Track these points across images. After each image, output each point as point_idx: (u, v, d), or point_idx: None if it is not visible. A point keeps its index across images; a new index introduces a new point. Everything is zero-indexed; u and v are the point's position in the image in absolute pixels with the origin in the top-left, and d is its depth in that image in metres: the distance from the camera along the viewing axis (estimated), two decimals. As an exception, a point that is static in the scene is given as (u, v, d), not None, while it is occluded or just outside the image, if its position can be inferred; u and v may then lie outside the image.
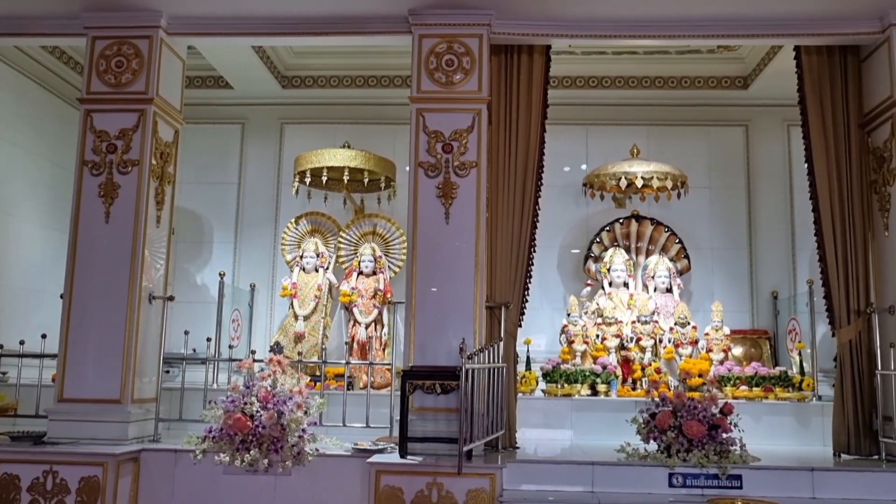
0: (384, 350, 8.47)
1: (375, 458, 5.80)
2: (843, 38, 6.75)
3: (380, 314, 8.58)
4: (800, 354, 8.19)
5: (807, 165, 6.88)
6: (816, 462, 6.21)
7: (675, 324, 8.37)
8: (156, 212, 6.74)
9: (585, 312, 8.70)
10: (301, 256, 8.97)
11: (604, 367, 7.89)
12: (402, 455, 5.87)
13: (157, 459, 6.14)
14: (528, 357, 8.26)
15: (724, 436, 5.97)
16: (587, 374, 7.83)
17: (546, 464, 6.04)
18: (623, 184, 8.61)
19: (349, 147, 8.81)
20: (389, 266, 8.89)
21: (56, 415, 6.34)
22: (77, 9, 6.71)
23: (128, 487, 6.01)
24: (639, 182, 8.55)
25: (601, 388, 7.81)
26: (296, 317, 8.74)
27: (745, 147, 9.76)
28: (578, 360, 8.15)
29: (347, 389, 7.12)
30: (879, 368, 6.37)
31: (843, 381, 6.55)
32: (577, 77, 9.75)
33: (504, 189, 6.81)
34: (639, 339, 8.28)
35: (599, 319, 8.45)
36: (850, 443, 6.48)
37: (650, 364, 8.07)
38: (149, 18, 6.70)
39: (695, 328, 8.35)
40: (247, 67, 9.13)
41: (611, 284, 8.84)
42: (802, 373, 7.96)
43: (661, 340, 8.35)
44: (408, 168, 6.69)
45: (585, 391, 7.80)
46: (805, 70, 6.92)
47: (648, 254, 9.12)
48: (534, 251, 6.90)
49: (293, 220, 9.22)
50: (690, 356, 8.19)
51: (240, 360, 6.58)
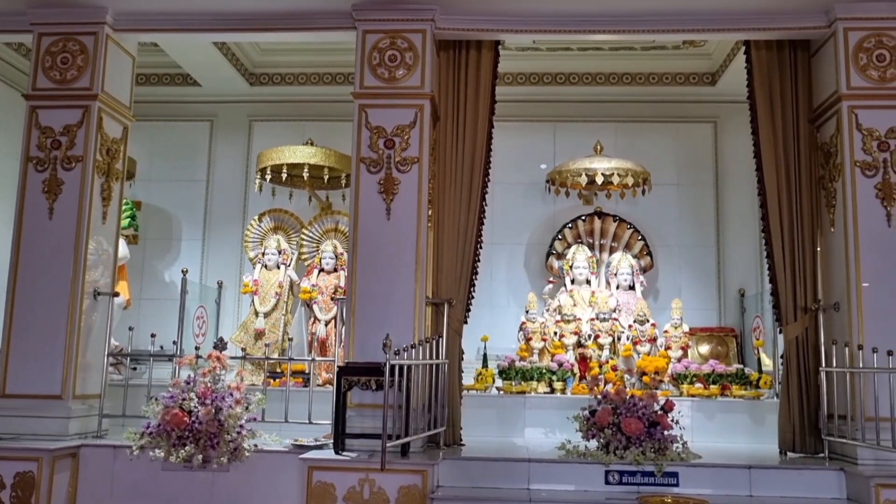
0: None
1: (308, 455, 5.78)
2: (791, 33, 6.69)
3: (340, 311, 8.55)
4: (758, 352, 8.13)
5: (755, 161, 6.83)
6: (759, 460, 6.16)
7: (634, 321, 8.32)
8: (102, 208, 6.74)
9: (547, 310, 8.68)
10: (263, 253, 8.97)
11: (560, 365, 7.86)
12: (337, 451, 5.86)
13: (97, 455, 6.15)
14: (486, 354, 8.27)
15: (665, 433, 5.94)
16: (543, 372, 7.80)
17: (483, 461, 6.01)
18: (584, 180, 8.56)
19: (312, 144, 8.80)
20: (351, 263, 8.87)
21: (-2, 411, 6.37)
22: (23, 5, 6.72)
23: (65, 483, 6.02)
24: (599, 179, 8.50)
25: (557, 386, 7.79)
26: (256, 313, 8.75)
27: (714, 143, 9.68)
28: (536, 358, 8.12)
29: (305, 386, 7.10)
30: (823, 366, 6.30)
31: (790, 379, 6.50)
32: (545, 74, 9.70)
33: (451, 185, 6.79)
34: (597, 337, 8.24)
35: (559, 317, 8.41)
36: (796, 440, 6.43)
37: (607, 361, 8.03)
38: (94, 15, 6.70)
39: (654, 326, 8.31)
40: (212, 65, 9.13)
41: (573, 282, 8.80)
42: (760, 370, 7.90)
43: (620, 338, 8.30)
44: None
45: (543, 388, 7.78)
46: (754, 65, 6.86)
47: (612, 251, 9.07)
48: (480, 248, 6.88)
49: (256, 218, 9.23)
50: (649, 353, 8.14)
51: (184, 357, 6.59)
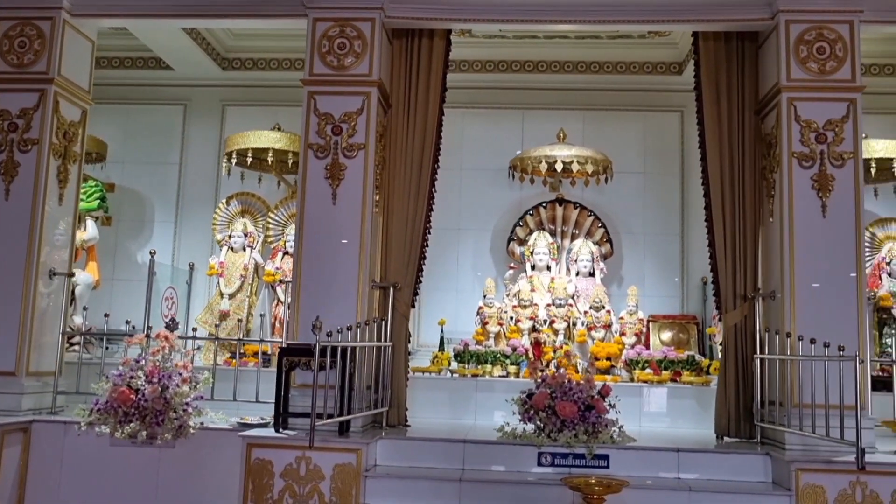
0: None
1: (248, 433, 5.95)
2: (737, 25, 6.77)
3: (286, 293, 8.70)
4: (711, 339, 8.25)
5: (700, 151, 6.92)
6: (695, 444, 6.31)
7: (590, 307, 8.44)
8: (58, 189, 6.90)
9: (507, 295, 8.81)
10: (230, 236, 9.12)
11: (514, 349, 8.00)
12: (277, 429, 6.02)
13: (48, 431, 6.34)
14: (442, 338, 8.42)
15: (600, 417, 6.06)
16: (497, 356, 7.94)
17: (420, 441, 6.18)
18: (543, 167, 8.67)
19: (279, 129, 8.93)
20: (315, 246, 9.00)
21: (-46, 386, 6.54)
22: (-18, -9, 6.87)
23: (16, 457, 6.21)
24: (559, 166, 8.60)
25: (511, 370, 7.93)
26: (221, 295, 8.91)
27: (681, 133, 9.74)
28: (492, 342, 8.26)
29: (264, 367, 7.25)
30: (758, 353, 6.42)
31: (727, 366, 6.62)
32: (513, 61, 9.78)
33: (401, 172, 6.91)
34: (552, 322, 8.37)
35: (516, 302, 8.54)
36: (731, 426, 6.56)
37: (561, 347, 8.16)
38: (51, 0, 6.83)
39: (609, 312, 8.43)
40: (183, 49, 9.23)
41: (534, 268, 8.92)
42: (711, 357, 8.02)
43: (576, 324, 8.42)
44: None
45: (498, 372, 7.92)
46: (702, 56, 6.94)
47: (574, 238, 9.18)
48: (429, 233, 6.99)
49: (224, 201, 9.38)
50: (603, 339, 8.26)
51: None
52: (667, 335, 9.13)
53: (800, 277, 6.19)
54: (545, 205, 9.21)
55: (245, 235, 9.10)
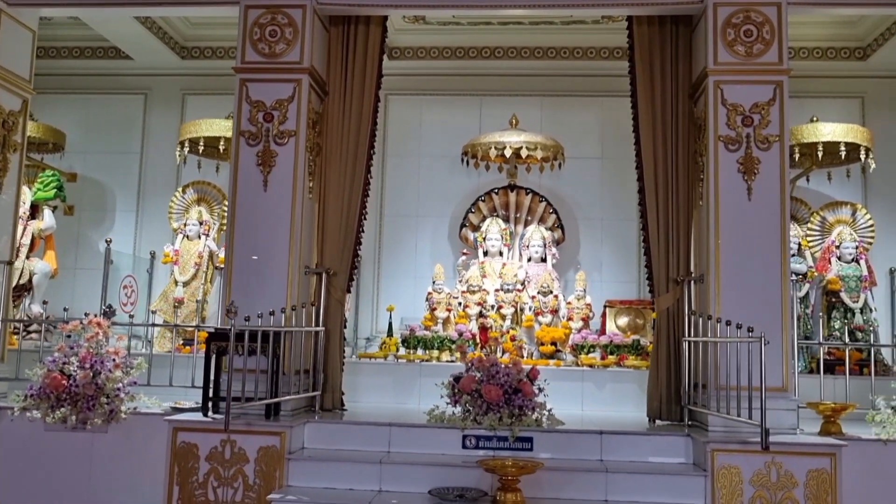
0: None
1: (174, 417, 6.02)
2: (669, 8, 6.77)
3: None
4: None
5: (634, 136, 6.93)
6: (623, 426, 6.34)
7: (538, 293, 8.47)
8: (-2, 178, 6.98)
9: (460, 281, 8.85)
10: (185, 224, 9.19)
11: (460, 334, 8.05)
12: (205, 414, 6.08)
13: (-18, 416, 6.42)
14: (391, 323, 8.49)
15: (528, 400, 6.09)
16: (444, 341, 7.99)
17: (347, 424, 6.25)
18: (493, 153, 8.69)
19: (232, 118, 8.95)
20: (270, 234, 9.06)
21: None
22: (-82, -20, 6.92)
23: (-49, 442, 6.30)
24: (508, 152, 8.62)
25: (458, 355, 7.96)
26: (176, 283, 8.98)
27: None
28: (440, 328, 8.30)
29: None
30: (686, 336, 6.45)
31: (659, 350, 6.66)
32: (470, 48, 9.80)
33: (337, 158, 6.95)
34: (500, 307, 8.40)
35: (465, 287, 8.58)
36: (662, 409, 6.60)
37: (508, 331, 8.20)
38: (-14, -10, 6.90)
39: (556, 297, 8.46)
40: (139, 39, 9.28)
41: (486, 253, 8.95)
42: (657, 341, 8.02)
43: (524, 309, 8.45)
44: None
45: (446, 357, 7.96)
46: (635, 40, 6.95)
47: (527, 224, 9.20)
48: (365, 219, 7.03)
49: (180, 189, 9.44)
50: (550, 324, 8.30)
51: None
52: (623, 320, 9.12)
53: (725, 260, 6.21)
54: (497, 191, 9.24)
55: (200, 224, 9.17)
